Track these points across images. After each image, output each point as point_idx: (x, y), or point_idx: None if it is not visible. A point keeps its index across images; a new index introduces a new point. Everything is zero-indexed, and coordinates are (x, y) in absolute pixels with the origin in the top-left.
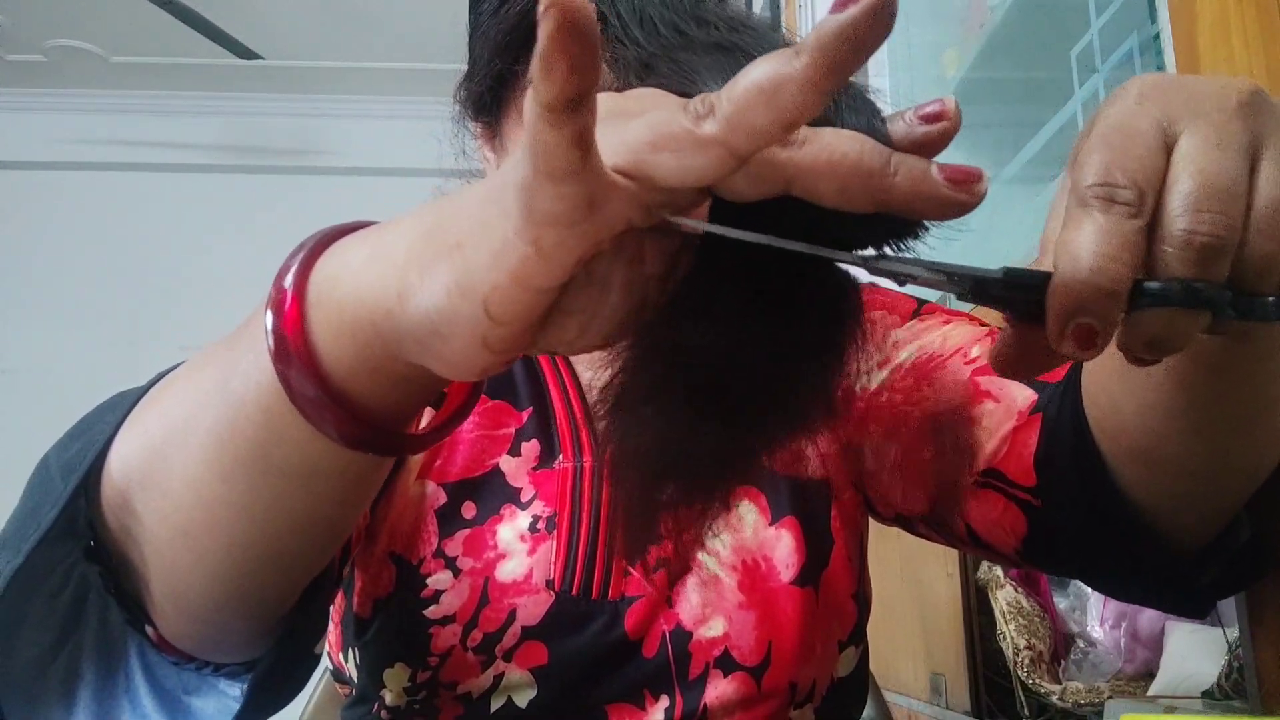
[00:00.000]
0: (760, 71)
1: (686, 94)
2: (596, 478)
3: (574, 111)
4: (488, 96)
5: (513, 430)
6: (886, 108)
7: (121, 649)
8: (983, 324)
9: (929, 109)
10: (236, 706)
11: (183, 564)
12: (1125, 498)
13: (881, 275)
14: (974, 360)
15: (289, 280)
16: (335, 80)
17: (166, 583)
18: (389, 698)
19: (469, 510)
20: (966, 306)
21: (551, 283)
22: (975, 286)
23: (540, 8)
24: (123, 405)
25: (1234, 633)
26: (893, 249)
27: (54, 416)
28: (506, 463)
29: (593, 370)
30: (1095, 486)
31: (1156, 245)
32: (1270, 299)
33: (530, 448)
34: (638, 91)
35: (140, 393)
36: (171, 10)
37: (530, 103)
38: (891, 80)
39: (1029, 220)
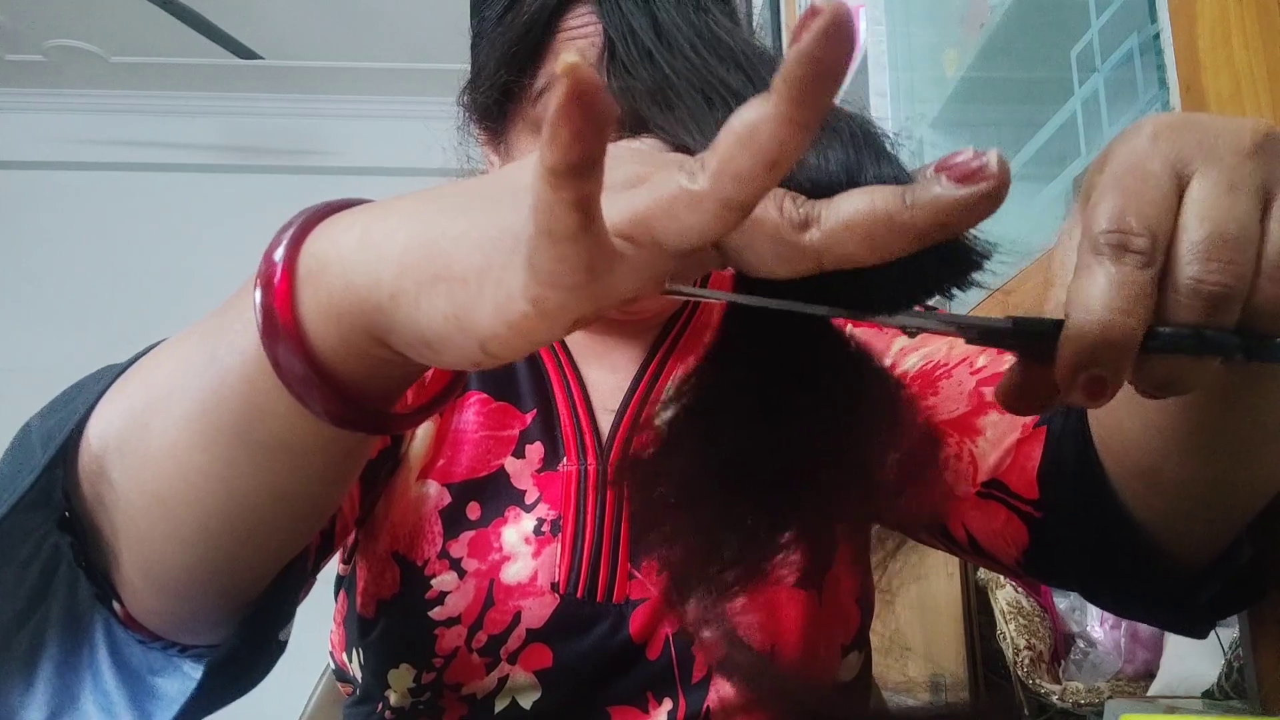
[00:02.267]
0: (736, 118)
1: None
2: (600, 481)
3: (575, 178)
4: (494, 108)
5: (517, 432)
6: (887, 108)
7: (88, 623)
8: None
9: (964, 167)
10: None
11: (157, 533)
12: (1127, 515)
13: (894, 328)
14: (979, 370)
15: (279, 255)
16: (335, 80)
17: (139, 553)
18: (393, 698)
19: (473, 511)
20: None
21: (550, 338)
22: (984, 335)
23: (557, 69)
24: (106, 376)
25: (1234, 633)
26: (960, 288)
27: None
28: (511, 464)
29: (598, 370)
30: (1097, 502)
31: (1166, 291)
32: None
33: (534, 450)
34: (659, 158)
35: (127, 364)
36: (171, 10)
37: (536, 162)
38: (891, 80)
39: (1029, 219)
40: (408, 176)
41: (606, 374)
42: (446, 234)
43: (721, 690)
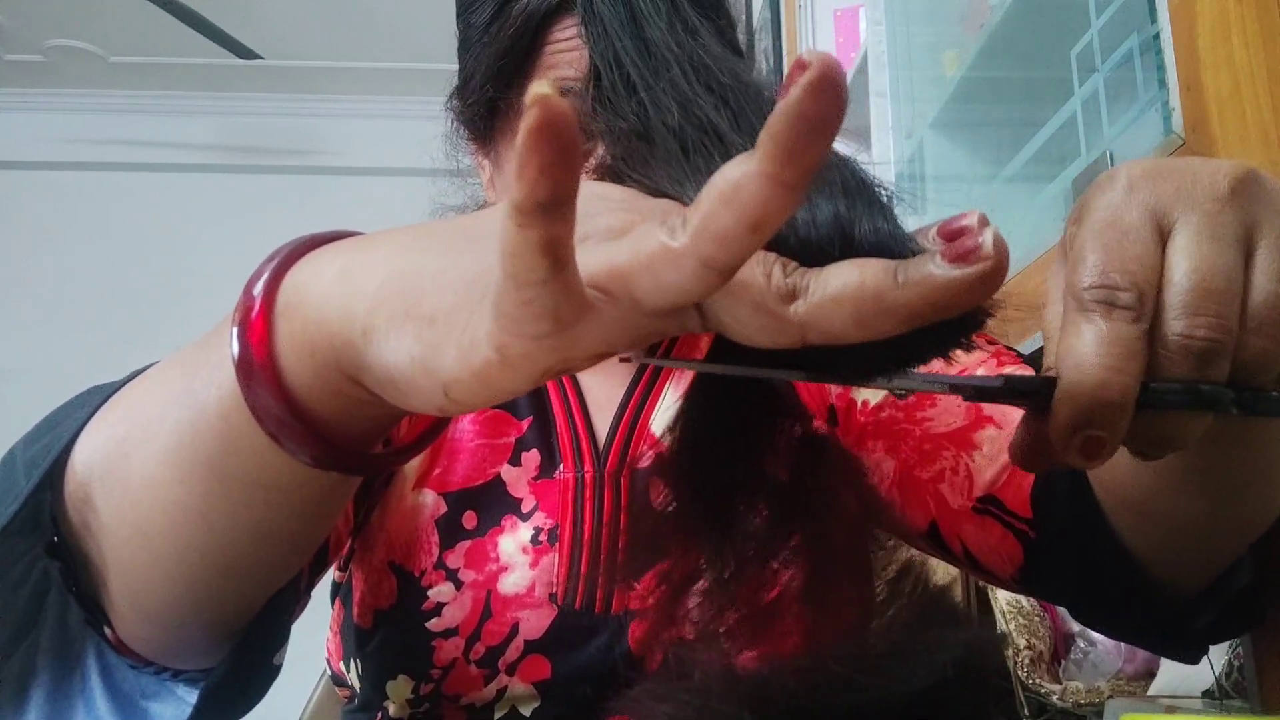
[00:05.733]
0: (720, 175)
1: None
2: (598, 488)
3: (542, 216)
4: (480, 122)
5: (513, 440)
6: (887, 108)
7: (79, 649)
8: (991, 341)
9: (960, 246)
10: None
11: (140, 564)
12: (1119, 542)
13: (884, 389)
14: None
15: (258, 289)
16: (335, 80)
17: (124, 582)
18: (392, 709)
19: (470, 521)
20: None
21: (515, 389)
22: (977, 395)
23: (526, 99)
24: (92, 401)
25: None
26: (963, 349)
27: None
28: (507, 472)
29: (594, 377)
30: (1089, 527)
31: (1154, 347)
32: (1273, 394)
33: (531, 458)
34: (643, 208)
35: (112, 389)
36: (171, 10)
37: (506, 199)
38: (891, 80)
39: (1029, 219)
40: (407, 176)
41: (603, 380)
42: (423, 271)
43: None
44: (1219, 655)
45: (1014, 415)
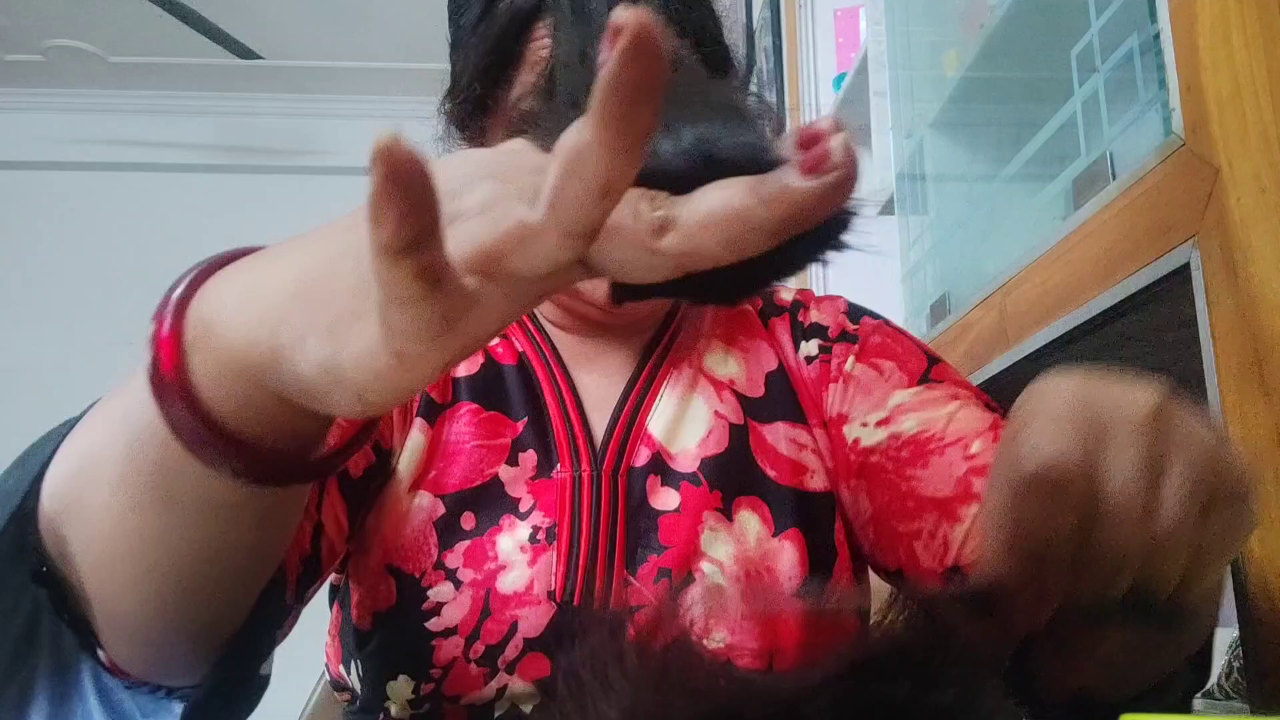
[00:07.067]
0: (560, 145)
1: None
2: (595, 487)
3: (410, 253)
4: (470, 120)
5: (509, 440)
6: (887, 108)
7: (75, 673)
8: (991, 407)
9: (811, 157)
10: None
11: (113, 589)
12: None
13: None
14: (973, 457)
15: (166, 320)
16: (335, 80)
17: (102, 606)
18: (393, 710)
19: (468, 521)
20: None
21: (425, 382)
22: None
23: (370, 151)
24: (62, 433)
25: (1234, 633)
26: (835, 249)
27: (50, 417)
28: (505, 473)
29: (590, 375)
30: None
31: (1078, 560)
32: (1161, 608)
33: (527, 458)
34: (514, 171)
35: (78, 419)
36: (171, 10)
37: (369, 236)
38: (891, 80)
39: (1029, 219)
40: None
41: (599, 379)
42: (318, 281)
43: None
44: (1219, 655)
45: None
